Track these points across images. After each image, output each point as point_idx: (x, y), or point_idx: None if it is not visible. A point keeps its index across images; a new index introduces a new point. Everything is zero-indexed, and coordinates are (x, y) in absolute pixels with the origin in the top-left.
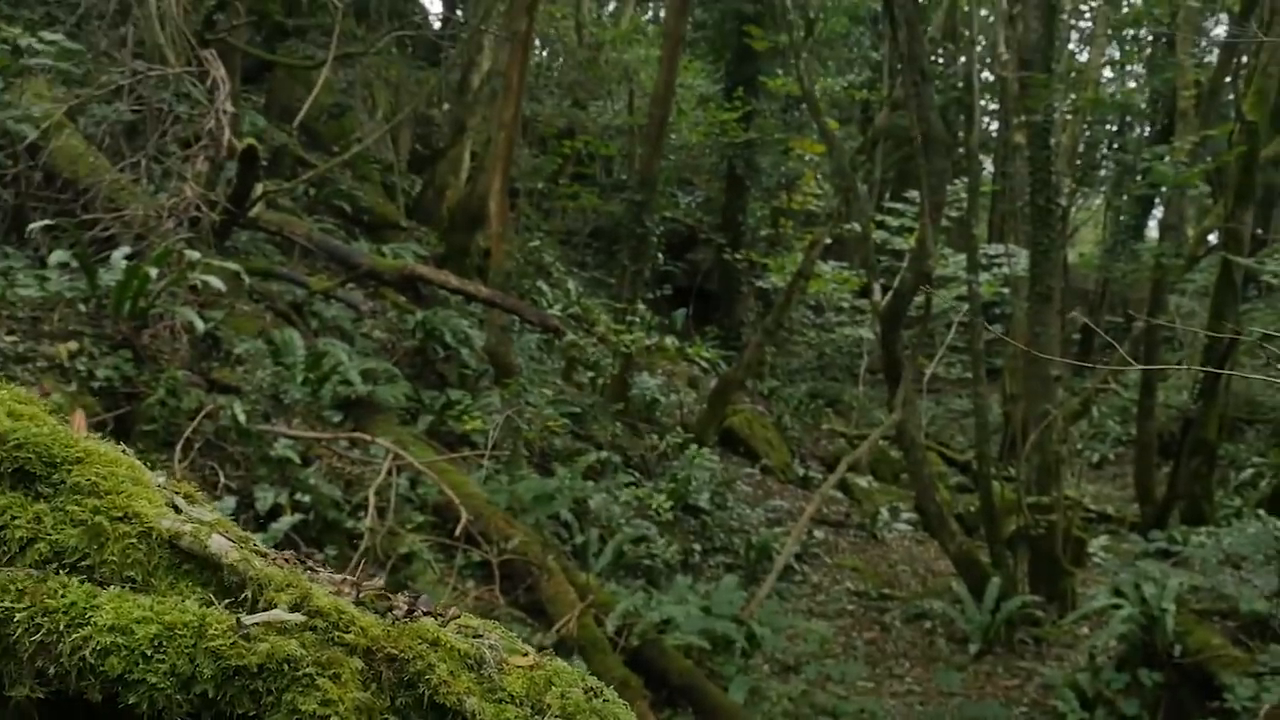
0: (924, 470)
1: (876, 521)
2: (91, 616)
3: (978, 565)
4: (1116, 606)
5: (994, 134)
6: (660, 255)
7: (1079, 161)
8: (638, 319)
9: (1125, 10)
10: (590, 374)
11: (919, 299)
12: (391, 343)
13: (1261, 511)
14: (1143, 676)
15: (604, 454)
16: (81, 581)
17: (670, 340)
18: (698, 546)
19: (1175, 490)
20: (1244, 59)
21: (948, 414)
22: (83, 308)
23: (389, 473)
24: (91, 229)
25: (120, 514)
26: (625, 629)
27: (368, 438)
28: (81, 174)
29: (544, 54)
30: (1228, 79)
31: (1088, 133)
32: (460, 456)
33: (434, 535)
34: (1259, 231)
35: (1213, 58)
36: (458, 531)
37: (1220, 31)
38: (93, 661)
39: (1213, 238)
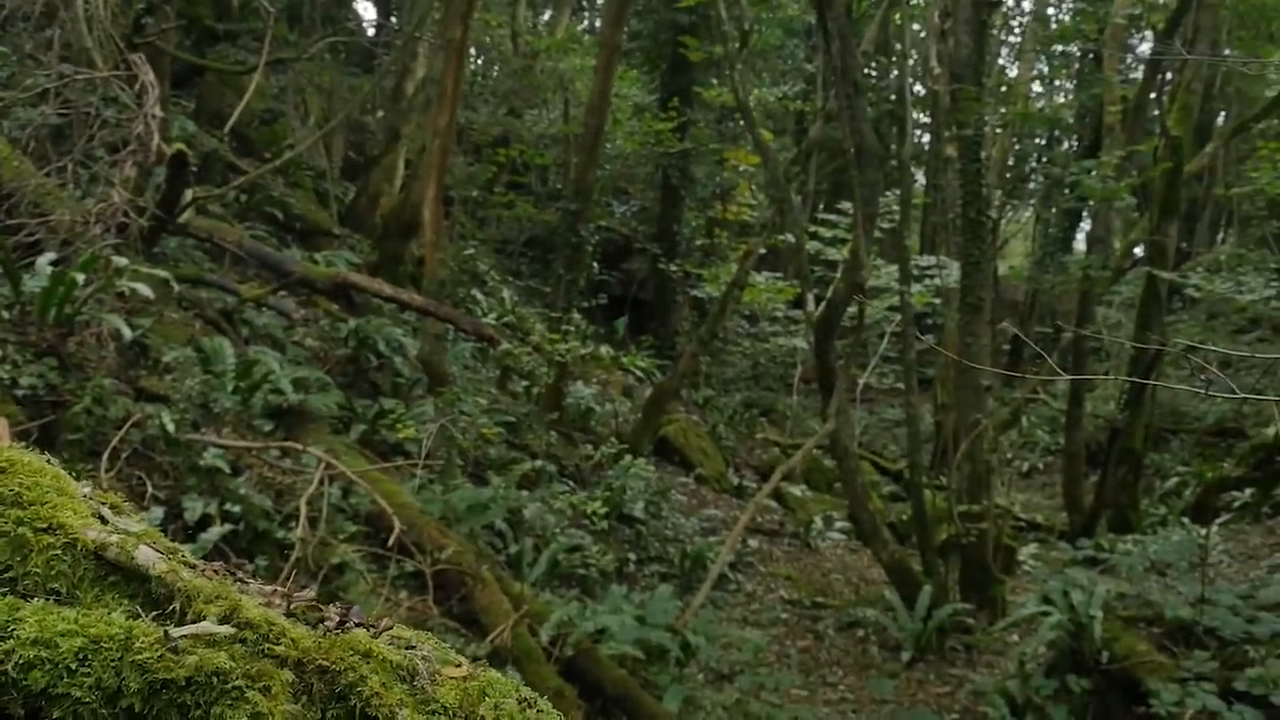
0: (857, 479)
1: (810, 530)
2: (14, 630)
3: (910, 573)
4: (1045, 614)
5: (926, 147)
6: (595, 264)
7: (1009, 175)
8: (572, 328)
9: (1054, 27)
10: (525, 383)
11: (852, 309)
12: (324, 351)
13: (1185, 520)
14: (1071, 683)
15: (539, 463)
16: (4, 594)
17: (605, 349)
18: (632, 556)
19: (1102, 499)
20: (1168, 75)
21: (881, 423)
22: (6, 314)
23: (321, 482)
24: (16, 234)
25: (44, 525)
26: (560, 639)
27: (299, 447)
28: (6, 178)
29: (479, 62)
30: (1153, 95)
31: (1017, 146)
32: (393, 466)
33: (367, 545)
34: (1183, 245)
35: (1138, 74)
36: (391, 542)
37: (1146, 49)
38: (15, 676)
39: (1139, 251)
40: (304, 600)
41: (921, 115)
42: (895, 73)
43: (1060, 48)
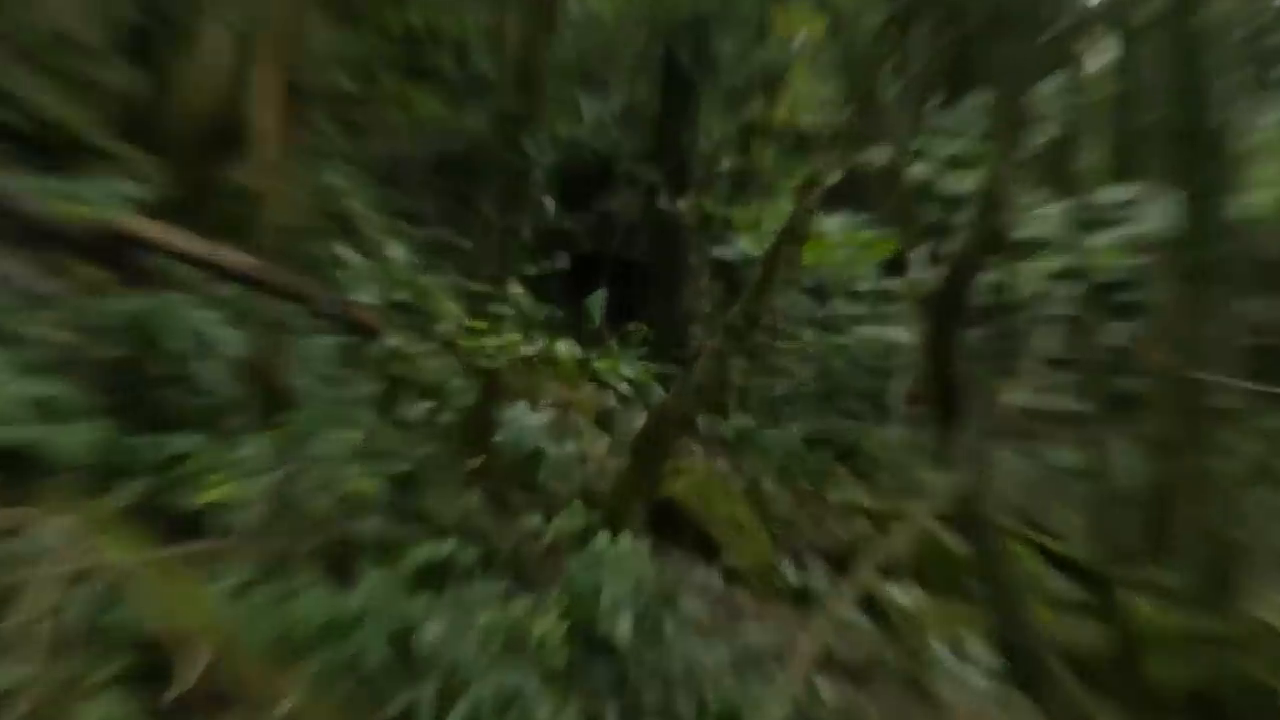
0: (1007, 574)
1: (928, 666)
2: None
3: None
4: None
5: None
6: (550, 202)
7: (1248, 53)
8: (510, 310)
9: None
10: (427, 405)
11: (991, 277)
12: (79, 349)
13: None
14: None
15: (449, 545)
16: None
17: (566, 346)
18: (612, 710)
19: None
20: None
21: (1047, 475)
22: None
23: (67, 581)
24: None
25: None
26: None
27: (30, 516)
28: None
29: None
30: None
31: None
32: (194, 551)
33: (144, 690)
34: None
35: None
36: (184, 687)
37: None
38: None
39: None
40: None
41: None
42: None
43: None
